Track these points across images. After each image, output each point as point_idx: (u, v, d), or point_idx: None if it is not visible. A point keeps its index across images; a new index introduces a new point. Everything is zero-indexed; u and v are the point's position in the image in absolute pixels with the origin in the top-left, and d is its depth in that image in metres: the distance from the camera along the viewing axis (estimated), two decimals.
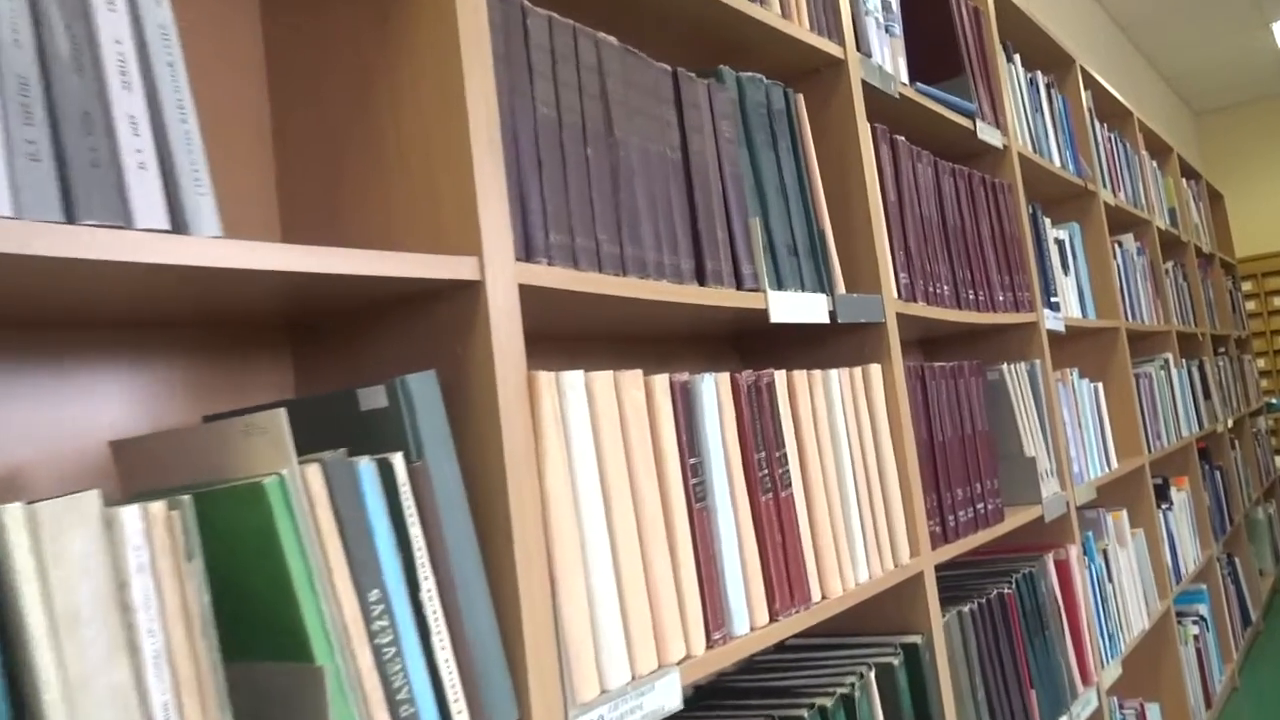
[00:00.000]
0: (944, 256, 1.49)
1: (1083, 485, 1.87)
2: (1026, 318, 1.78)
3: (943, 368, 1.36)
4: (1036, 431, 1.71)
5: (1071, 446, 1.87)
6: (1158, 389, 2.72)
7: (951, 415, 1.37)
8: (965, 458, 1.40)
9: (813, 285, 1.10)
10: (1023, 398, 1.69)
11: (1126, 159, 2.97)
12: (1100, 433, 2.08)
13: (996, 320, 1.63)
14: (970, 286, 1.57)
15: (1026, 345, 1.84)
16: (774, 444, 0.96)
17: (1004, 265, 1.73)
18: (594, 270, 0.81)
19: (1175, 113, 6.45)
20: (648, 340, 1.22)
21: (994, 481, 1.48)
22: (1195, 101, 6.80)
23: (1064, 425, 1.86)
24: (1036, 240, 1.93)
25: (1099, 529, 2.02)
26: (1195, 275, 3.72)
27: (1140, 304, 2.75)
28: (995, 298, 1.66)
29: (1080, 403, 1.98)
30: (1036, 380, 1.77)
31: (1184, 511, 2.77)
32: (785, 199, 1.09)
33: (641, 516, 0.78)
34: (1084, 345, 2.50)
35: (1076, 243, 2.24)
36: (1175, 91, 6.44)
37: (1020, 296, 1.78)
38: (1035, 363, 1.77)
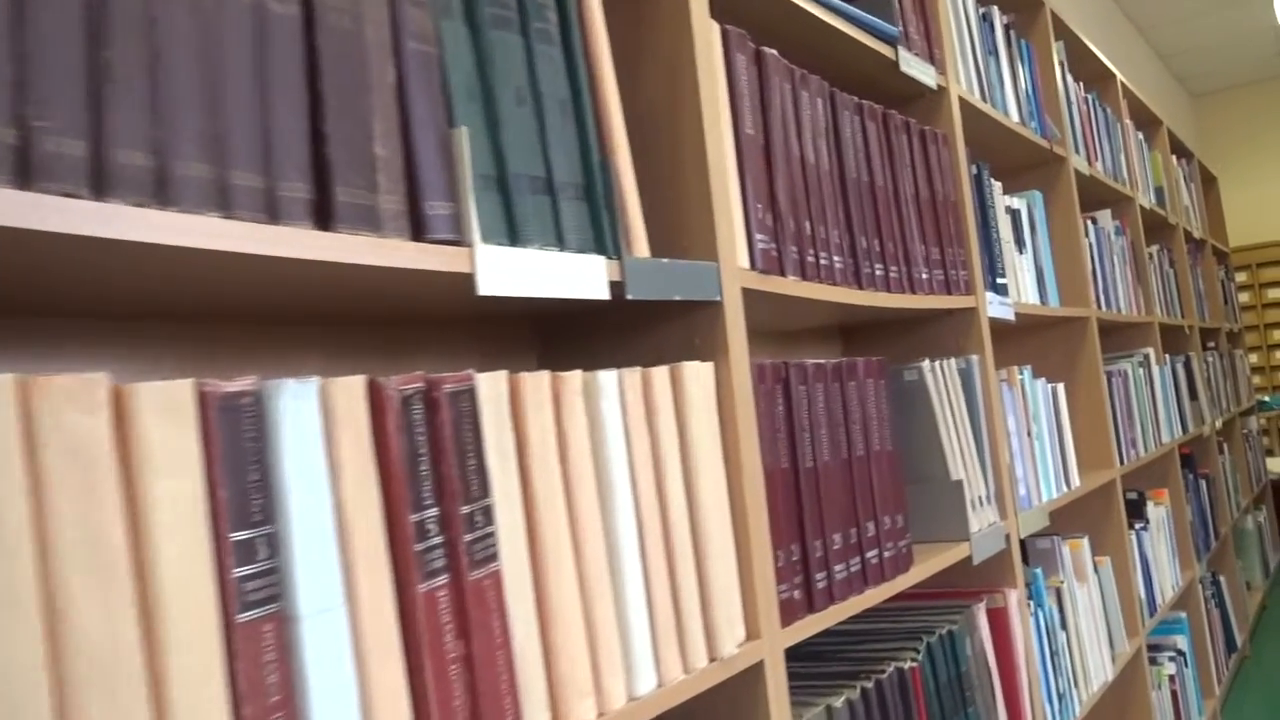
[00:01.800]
0: (838, 219, 1.11)
1: (1031, 511, 1.51)
2: (960, 302, 1.41)
3: (819, 367, 0.99)
4: (968, 447, 1.34)
5: (1018, 464, 1.50)
6: (1135, 389, 2.35)
7: (831, 432, 1.00)
8: (852, 490, 1.03)
9: (583, 242, 0.73)
10: (950, 404, 1.33)
11: (1107, 126, 2.59)
12: (1058, 444, 1.71)
13: (914, 304, 1.26)
14: (878, 260, 1.19)
15: (962, 337, 1.47)
16: (460, 492, 0.58)
17: (932, 235, 1.36)
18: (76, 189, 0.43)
19: (1171, 93, 6.07)
20: (376, 324, 0.85)
21: (898, 518, 1.11)
22: (1192, 82, 6.41)
23: (1009, 437, 1.49)
24: (980, 207, 1.55)
25: (1052, 563, 1.66)
26: (1184, 262, 3.35)
27: (1117, 291, 2.38)
28: (916, 275, 1.28)
29: (1032, 409, 1.61)
30: (972, 381, 1.40)
31: (1162, 530, 2.42)
32: (537, 107, 0.71)
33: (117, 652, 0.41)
34: (1044, 338, 2.13)
35: (1038, 215, 1.87)
36: (1171, 70, 6.06)
37: (954, 275, 1.40)
38: (972, 359, 1.41)
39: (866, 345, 1.57)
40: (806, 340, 1.51)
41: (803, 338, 1.51)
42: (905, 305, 1.23)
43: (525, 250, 0.67)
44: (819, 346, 1.55)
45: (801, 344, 1.50)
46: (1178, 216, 3.36)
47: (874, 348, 1.56)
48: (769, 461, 0.90)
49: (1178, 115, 6.18)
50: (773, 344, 1.43)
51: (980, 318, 1.46)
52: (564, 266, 0.70)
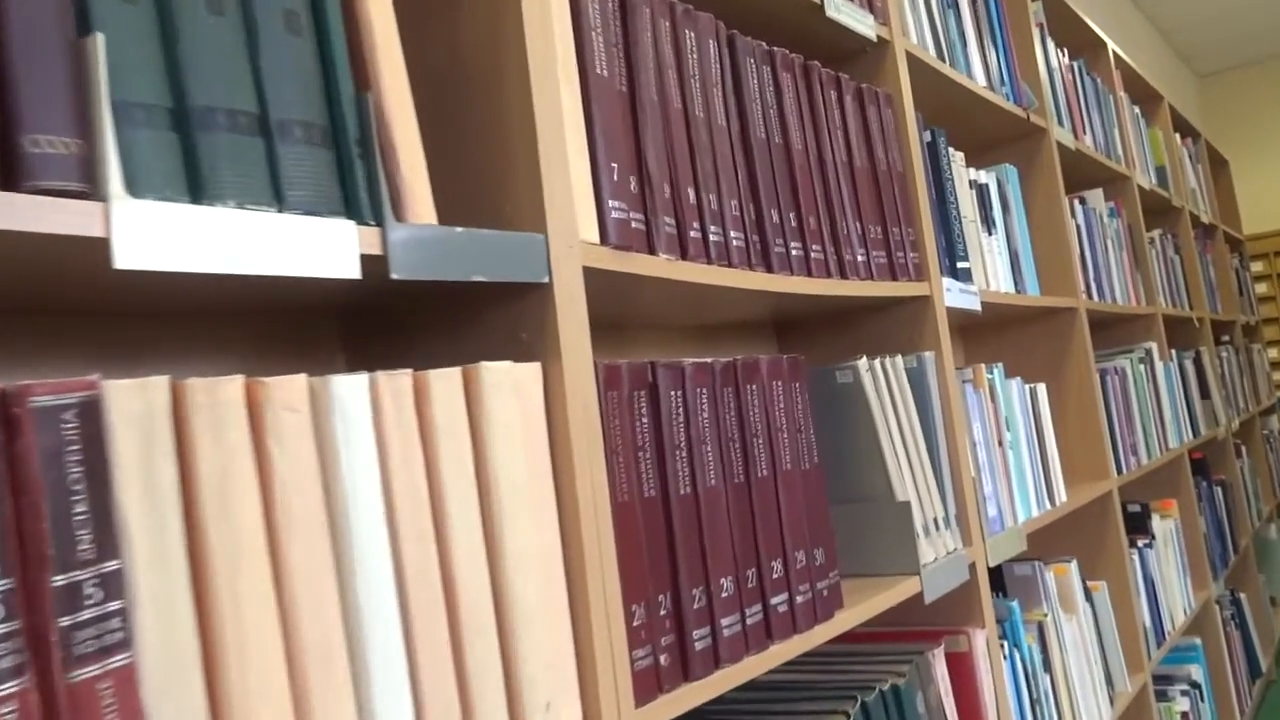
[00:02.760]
0: (737, 187, 0.94)
1: (1003, 535, 1.33)
2: (909, 289, 1.24)
3: (701, 367, 0.82)
4: (919, 462, 1.17)
5: (986, 479, 1.33)
6: (1135, 388, 2.18)
7: (721, 449, 0.83)
8: (751, 520, 0.85)
9: (322, 201, 0.56)
10: (895, 410, 1.15)
11: (1097, 97, 2.43)
12: (1039, 455, 1.54)
13: (846, 291, 1.09)
14: (796, 238, 1.02)
15: (915, 331, 1.30)
16: (54, 555, 0.41)
17: (871, 211, 1.19)
18: None
19: (1174, 71, 5.91)
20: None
21: (818, 552, 0.93)
22: (1197, 61, 6.26)
23: (974, 448, 1.32)
24: (936, 180, 1.39)
25: (1033, 593, 1.48)
26: (1191, 248, 3.19)
27: (1111, 279, 2.21)
28: (849, 257, 1.11)
29: (1006, 414, 1.44)
30: (925, 382, 1.23)
31: (1170, 546, 2.24)
32: (245, 15, 0.54)
33: None
34: (1025, 333, 1.96)
35: (1012, 192, 1.71)
36: (1173, 47, 5.91)
37: (900, 258, 1.23)
38: (924, 356, 1.24)
39: (804, 342, 1.40)
40: (730, 337, 1.34)
41: (726, 334, 1.34)
42: (833, 292, 1.06)
43: (211, 209, 0.50)
44: (748, 344, 1.38)
45: (723, 340, 1.33)
46: (1183, 199, 3.20)
47: (813, 345, 1.39)
48: (625, 490, 0.72)
49: (1182, 96, 6.03)
50: (688, 341, 1.26)
51: (936, 308, 1.29)
52: (285, 233, 0.53)
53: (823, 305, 1.23)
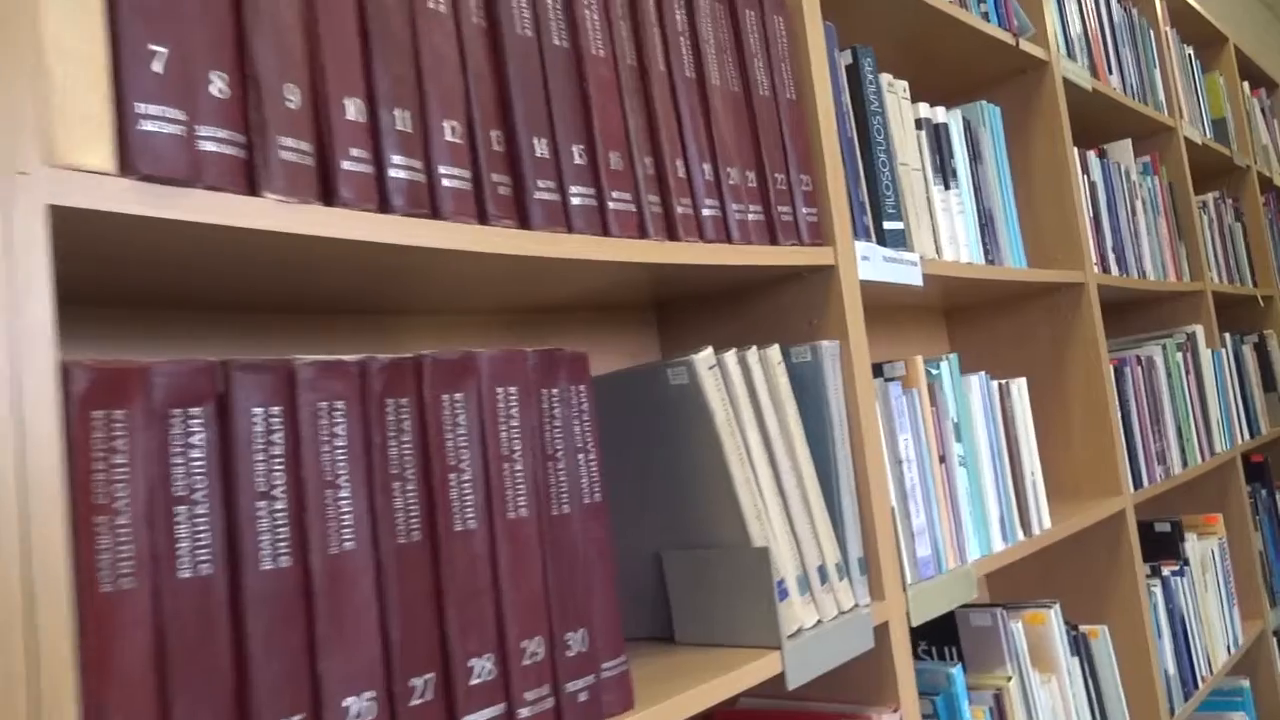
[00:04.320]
0: (471, 107, 0.66)
1: (936, 582, 1.03)
2: (798, 256, 0.94)
3: (328, 369, 0.54)
4: (796, 490, 0.88)
5: (915, 508, 1.03)
6: (1169, 381, 1.84)
7: (375, 494, 0.55)
8: (436, 596, 0.57)
9: None
10: (760, 422, 0.86)
11: (1131, 31, 2.07)
12: (1007, 471, 1.23)
13: (673, 257, 0.80)
14: (580, 180, 0.74)
15: (818, 313, 1.01)
16: None
17: (738, 151, 0.90)
18: None
19: (1254, 17, 5.40)
20: None
21: (575, 636, 0.65)
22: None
23: (901, 467, 1.02)
24: (858, 114, 1.08)
25: (991, 651, 1.18)
26: (1259, 215, 2.79)
27: (1140, 248, 1.86)
28: (685, 210, 0.82)
29: (959, 420, 1.13)
30: (819, 382, 0.94)
31: (1210, 572, 1.89)
32: None
33: None
34: (1018, 315, 1.64)
35: (990, 137, 1.38)
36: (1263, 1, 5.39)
37: (785, 214, 0.94)
38: (821, 347, 0.94)
39: (685, 327, 1.12)
40: (594, 324, 1.06)
41: (583, 320, 1.05)
42: (647, 258, 0.78)
43: None
44: (615, 332, 1.10)
45: (574, 328, 1.04)
46: (1249, 158, 2.80)
47: (694, 330, 1.10)
48: (125, 572, 0.45)
49: (1262, 43, 5.50)
50: (517, 326, 0.98)
51: (841, 282, 0.99)
52: None
53: (695, 280, 0.94)
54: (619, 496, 0.91)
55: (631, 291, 0.99)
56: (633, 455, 0.88)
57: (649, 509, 0.88)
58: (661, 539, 0.88)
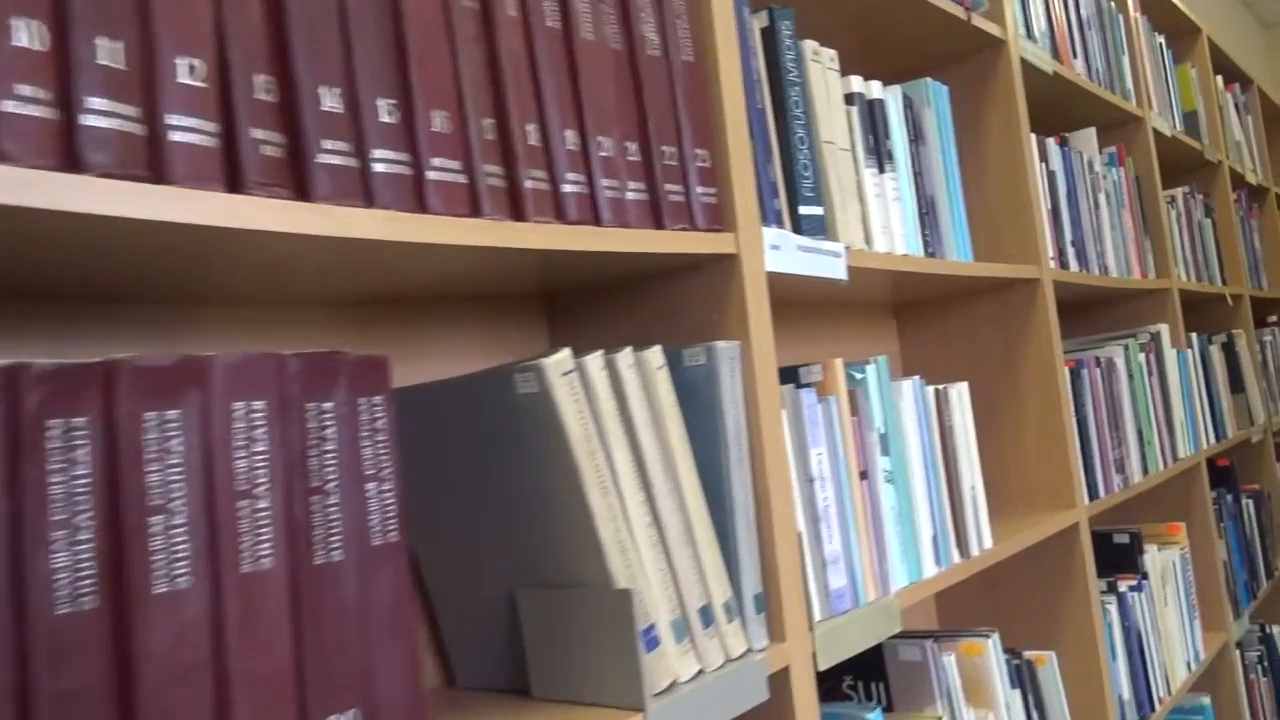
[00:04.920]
0: (216, 46, 0.51)
1: (851, 616, 0.89)
2: (691, 243, 0.79)
3: None
4: (676, 518, 0.73)
5: (828, 533, 0.89)
6: (1132, 384, 1.70)
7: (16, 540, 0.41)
8: (118, 668, 0.43)
9: None
10: (631, 438, 0.72)
11: (1100, 15, 1.92)
12: (943, 487, 1.08)
13: (520, 240, 0.65)
14: (391, 144, 0.59)
15: (720, 307, 0.86)
16: None
17: (616, 119, 0.75)
18: None
19: (1234, 19, 5.27)
20: None
21: (352, 716, 0.51)
22: (1263, 7, 5.59)
23: (813, 486, 0.88)
24: (774, 82, 0.93)
25: (920, 689, 1.03)
26: (1228, 211, 2.66)
27: (1103, 243, 1.72)
28: (537, 184, 0.67)
29: (886, 429, 0.99)
30: (715, 390, 0.79)
31: (1170, 584, 1.76)
32: None
33: None
34: (968, 312, 1.50)
35: (935, 119, 1.24)
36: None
37: (675, 194, 0.79)
38: (717, 348, 0.79)
39: (579, 322, 0.97)
40: (476, 313, 0.90)
41: (455, 312, 0.90)
42: (485, 241, 0.63)
43: None
44: (508, 325, 0.95)
45: (444, 323, 0.89)
46: (1220, 153, 2.66)
47: (590, 325, 0.96)
48: None
49: (1243, 45, 5.38)
50: (374, 323, 0.83)
51: (743, 273, 0.84)
52: None
53: (579, 269, 0.80)
54: (469, 524, 0.76)
55: (511, 280, 0.84)
56: (482, 476, 0.74)
57: (505, 539, 0.74)
58: (518, 575, 0.74)
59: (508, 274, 0.80)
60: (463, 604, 0.78)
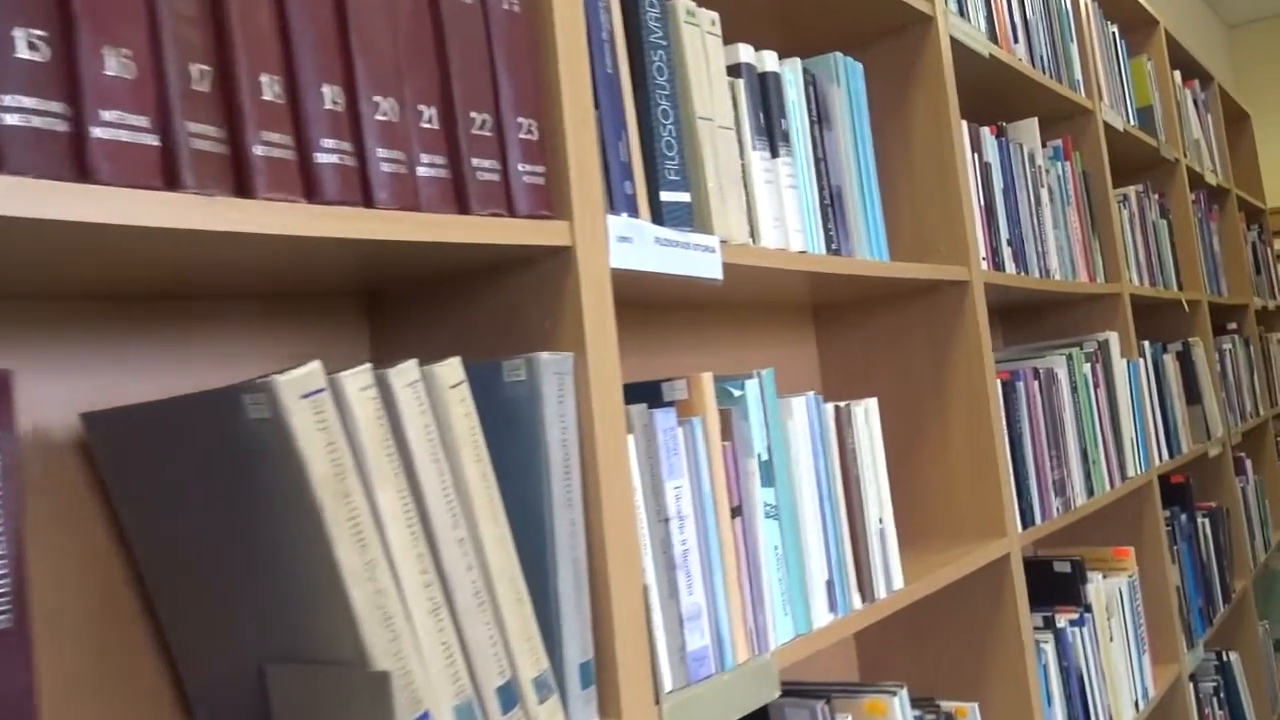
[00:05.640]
0: None
1: (714, 682, 0.76)
2: (512, 231, 0.65)
3: None
4: (460, 576, 0.60)
5: (686, 585, 0.75)
6: (1076, 397, 1.60)
7: None
8: None
9: None
10: (391, 479, 0.58)
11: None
12: (843, 520, 0.96)
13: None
14: (18, 87, 0.45)
15: (553, 311, 0.73)
16: None
17: (399, 74, 0.61)
18: None
19: (1198, 18, 5.24)
20: None
21: None
22: (1225, 7, 5.58)
23: (670, 526, 0.75)
24: (631, 40, 0.80)
25: None
26: (1186, 212, 2.57)
27: (1045, 243, 1.62)
28: (267, 151, 0.54)
29: (767, 457, 0.86)
30: (538, 414, 0.66)
31: (1118, 614, 1.65)
32: None
33: None
34: (876, 316, 1.38)
35: (846, 99, 1.11)
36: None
37: (488, 173, 0.65)
38: (540, 362, 0.66)
39: (404, 326, 0.83)
40: (276, 313, 0.76)
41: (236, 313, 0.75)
42: (221, 226, 0.49)
43: None
44: (321, 328, 0.81)
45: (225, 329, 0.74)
46: (1177, 151, 2.58)
47: (415, 330, 0.82)
48: None
49: (1207, 46, 5.36)
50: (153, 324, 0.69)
51: (580, 270, 0.71)
52: None
53: (384, 262, 0.66)
54: (214, 579, 0.62)
55: (313, 274, 0.70)
56: (221, 521, 0.59)
57: (253, 599, 0.60)
58: (269, 644, 0.60)
59: (323, 267, 0.66)
60: (211, 670, 0.64)
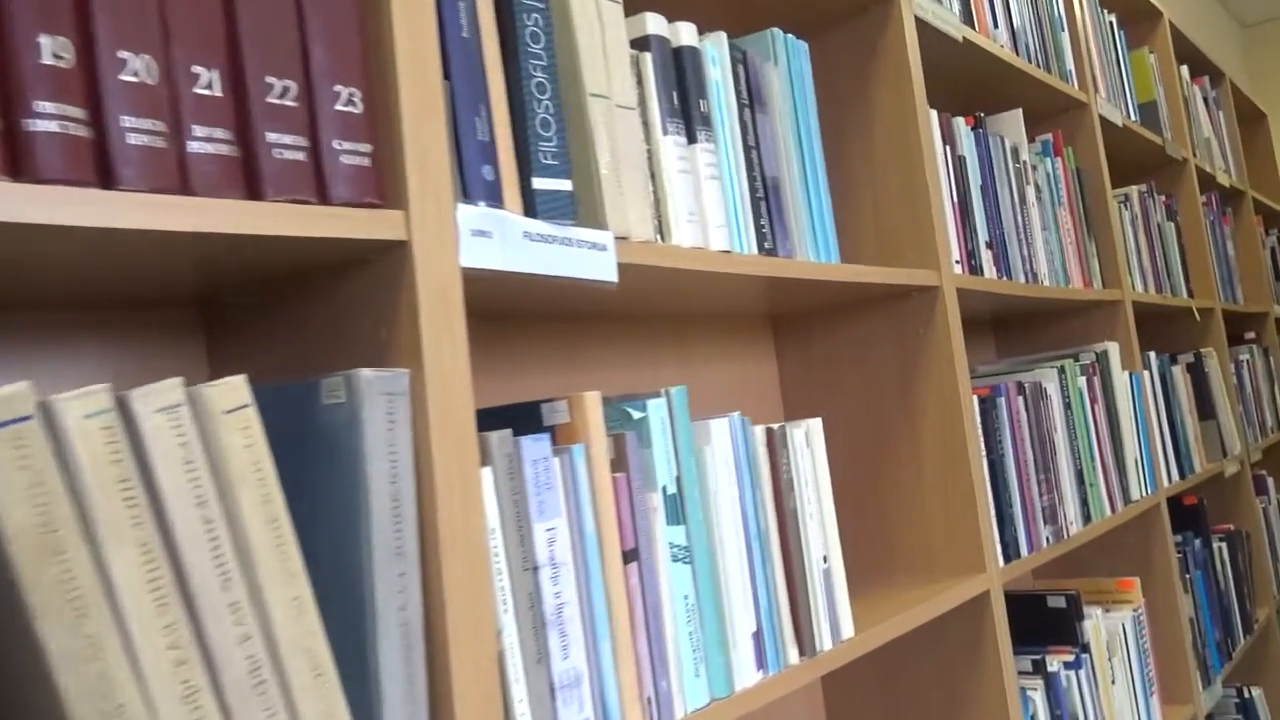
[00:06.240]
0: None
1: None
2: (320, 221, 0.54)
3: None
4: (230, 653, 0.48)
5: (562, 645, 0.64)
6: (1057, 415, 1.47)
7: None
8: None
9: None
10: (140, 530, 0.46)
11: None
12: (768, 563, 0.84)
13: None
14: None
15: (388, 320, 0.61)
16: None
17: (165, 25, 0.50)
18: None
19: (1213, 19, 5.13)
20: None
21: None
22: (1240, 8, 5.46)
23: (539, 576, 0.63)
24: (501, 3, 0.69)
25: None
26: (1197, 216, 2.45)
27: (1032, 246, 1.50)
28: None
29: (675, 489, 0.74)
30: (357, 439, 0.54)
31: (1120, 653, 1.52)
32: None
33: None
34: (842, 325, 1.27)
35: (786, 80, 1.00)
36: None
37: (289, 149, 0.54)
38: (361, 381, 0.55)
39: (244, 337, 0.72)
40: (110, 325, 0.65)
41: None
42: None
43: None
44: (155, 341, 0.70)
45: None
46: (1185, 149, 2.46)
47: (257, 341, 0.71)
48: None
49: (1221, 46, 5.24)
50: None
51: (417, 271, 0.59)
52: None
53: (183, 262, 0.55)
54: None
55: (138, 278, 0.59)
56: None
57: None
58: None
59: (148, 271, 0.55)
60: None
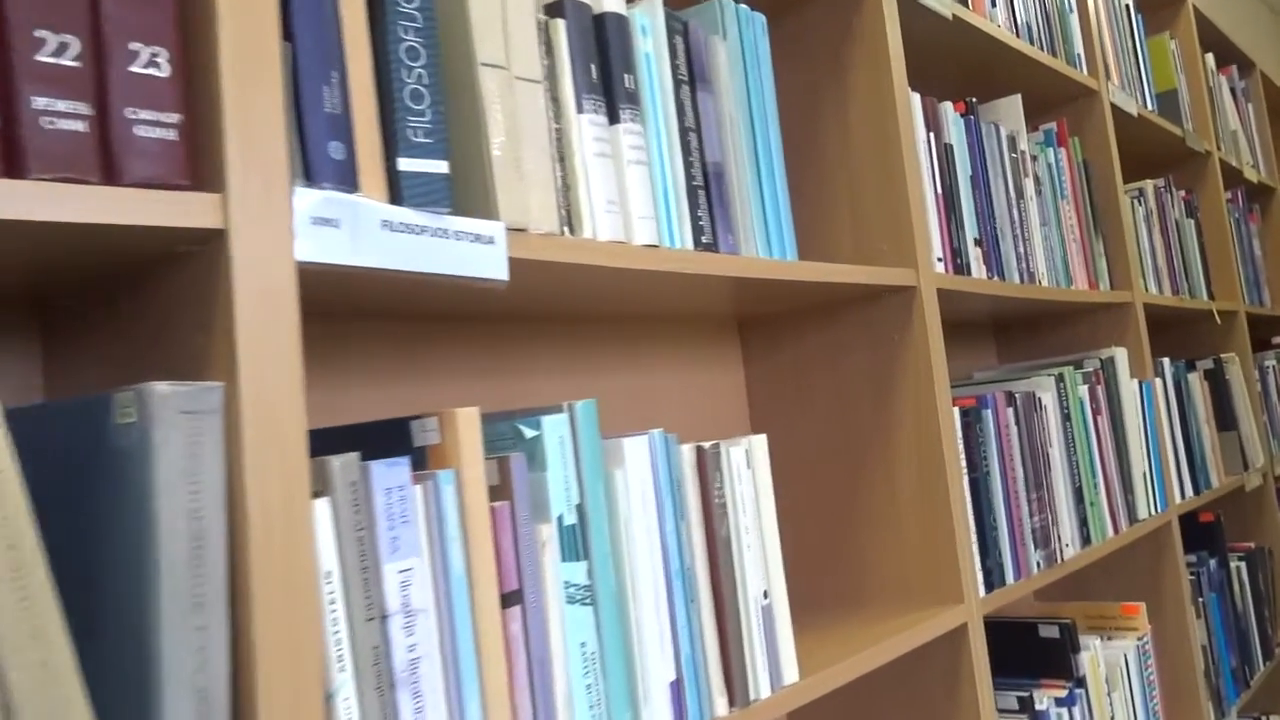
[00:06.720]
0: None
1: None
2: (108, 206, 0.45)
3: None
4: None
5: (413, 706, 0.55)
6: (1054, 427, 1.37)
7: None
8: None
9: None
10: None
11: None
12: (693, 604, 0.75)
13: None
14: None
15: (204, 324, 0.53)
16: None
17: None
18: None
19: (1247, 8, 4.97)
20: None
21: None
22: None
23: (389, 625, 0.54)
24: None
25: None
26: (1221, 213, 2.33)
27: (1030, 244, 1.39)
28: None
29: (556, 523, 0.65)
30: (148, 465, 0.46)
31: (1121, 687, 1.42)
32: None
33: None
34: (801, 330, 1.17)
35: (724, 53, 0.91)
36: None
37: (65, 118, 0.46)
38: (152, 396, 0.46)
39: (74, 342, 0.64)
40: None
41: None
42: None
43: None
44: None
45: None
46: (1209, 142, 2.34)
47: (88, 348, 0.63)
48: None
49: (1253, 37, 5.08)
50: None
51: (234, 266, 0.51)
52: None
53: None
54: None
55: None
56: None
57: None
58: None
59: None
60: None
